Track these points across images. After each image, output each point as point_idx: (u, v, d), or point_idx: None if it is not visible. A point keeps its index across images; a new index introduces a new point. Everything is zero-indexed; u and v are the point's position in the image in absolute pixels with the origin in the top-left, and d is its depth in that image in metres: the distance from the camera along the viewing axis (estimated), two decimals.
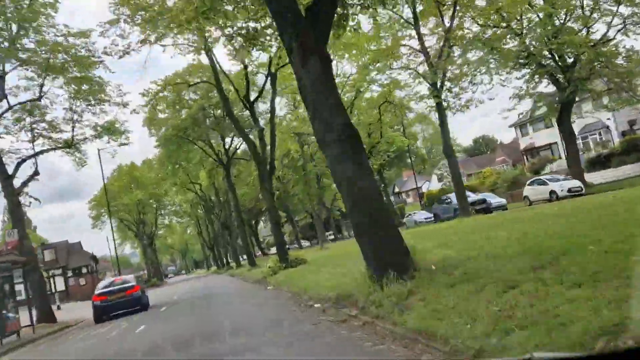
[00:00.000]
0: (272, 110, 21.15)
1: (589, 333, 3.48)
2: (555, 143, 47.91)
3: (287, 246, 76.75)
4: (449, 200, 32.63)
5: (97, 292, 20.11)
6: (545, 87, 30.89)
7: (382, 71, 26.93)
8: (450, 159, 23.29)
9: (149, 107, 22.60)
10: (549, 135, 48.56)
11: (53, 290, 45.61)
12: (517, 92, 28.74)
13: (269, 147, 21.53)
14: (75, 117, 24.15)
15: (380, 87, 33.83)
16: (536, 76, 29.20)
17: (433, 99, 22.51)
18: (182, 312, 15.96)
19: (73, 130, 24.14)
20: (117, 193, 62.22)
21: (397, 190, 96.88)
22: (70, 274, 52.37)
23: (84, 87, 24.05)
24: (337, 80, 35.78)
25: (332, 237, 74.24)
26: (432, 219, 43.26)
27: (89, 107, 24.33)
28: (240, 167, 45.19)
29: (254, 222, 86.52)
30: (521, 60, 28.24)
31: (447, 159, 23.79)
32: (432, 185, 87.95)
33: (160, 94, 22.47)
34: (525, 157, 52.20)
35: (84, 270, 52.94)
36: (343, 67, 36.92)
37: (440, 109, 22.49)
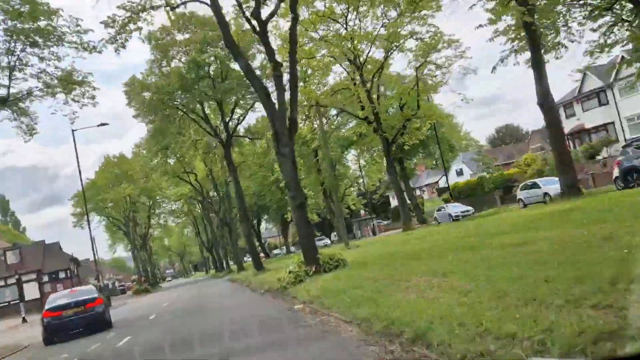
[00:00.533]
0: (293, 40, 14.21)
1: None
2: (612, 123, 40.91)
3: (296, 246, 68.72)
4: (536, 184, 26.23)
5: (48, 306, 15.80)
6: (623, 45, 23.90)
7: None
8: (550, 113, 16.24)
9: (117, 45, 15.62)
10: (603, 114, 41.54)
11: (20, 299, 38.60)
12: (600, 42, 21.53)
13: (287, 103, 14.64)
14: (14, 61, 17.17)
15: (419, 41, 26.94)
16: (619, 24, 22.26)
17: (522, 28, 15.50)
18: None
19: (10, 79, 17.14)
20: (104, 187, 55.40)
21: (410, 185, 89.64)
22: (46, 279, 45.30)
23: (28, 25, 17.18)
24: (362, 35, 28.65)
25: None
26: (472, 212, 36.58)
27: (34, 48, 17.38)
28: (242, 150, 37.96)
29: (255, 221, 79.37)
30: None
31: (544, 114, 16.67)
32: (450, 180, 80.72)
33: (132, 26, 15.53)
34: (571, 142, 45.14)
35: (62, 275, 45.84)
36: (367, 26, 30.07)
37: (535, 38, 15.49)
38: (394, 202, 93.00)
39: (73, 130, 36.36)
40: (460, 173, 78.75)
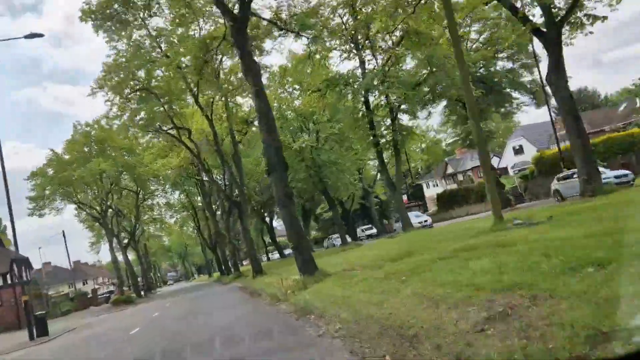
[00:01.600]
0: None
1: None
2: None
3: (322, 245, 53.73)
4: None
5: None
6: None
7: None
8: None
9: None
10: None
11: None
12: None
13: None
14: None
15: None
16: None
17: None
18: None
19: None
20: (74, 164, 41.50)
21: (450, 170, 75.02)
22: None
23: None
24: None
25: (372, 232, 53.01)
26: (631, 176, 23.25)
27: None
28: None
29: (266, 214, 65.10)
30: None
31: None
32: (505, 161, 66.47)
33: None
34: None
35: (0, 282, 31.86)
36: None
37: None
38: (427, 191, 78.77)
39: None
40: (519, 151, 64.18)
